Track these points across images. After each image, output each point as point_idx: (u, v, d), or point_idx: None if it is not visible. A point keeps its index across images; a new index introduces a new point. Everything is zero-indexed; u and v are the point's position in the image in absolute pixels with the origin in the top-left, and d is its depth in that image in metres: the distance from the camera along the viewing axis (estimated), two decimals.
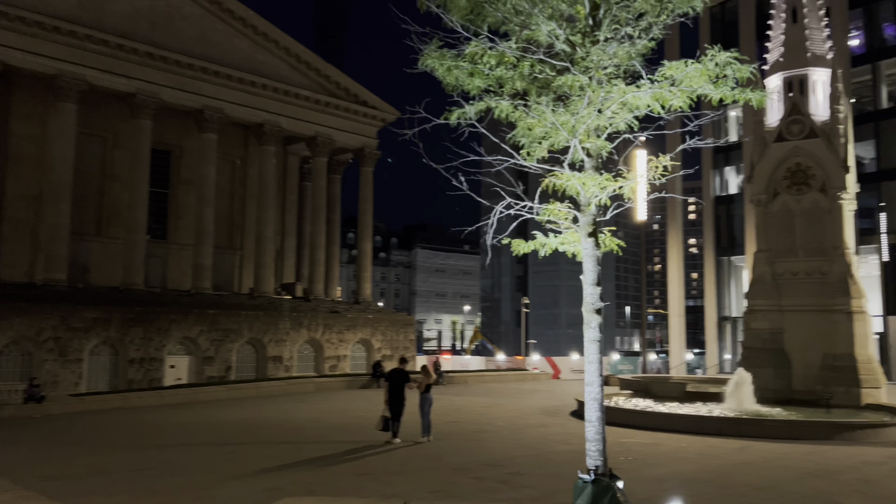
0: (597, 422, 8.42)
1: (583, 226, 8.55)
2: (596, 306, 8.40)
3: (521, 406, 23.96)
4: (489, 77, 8.96)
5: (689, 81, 8.00)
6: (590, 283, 8.47)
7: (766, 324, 24.06)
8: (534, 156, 8.91)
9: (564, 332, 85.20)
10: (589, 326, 8.44)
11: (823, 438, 16.73)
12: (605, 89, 8.06)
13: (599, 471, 8.29)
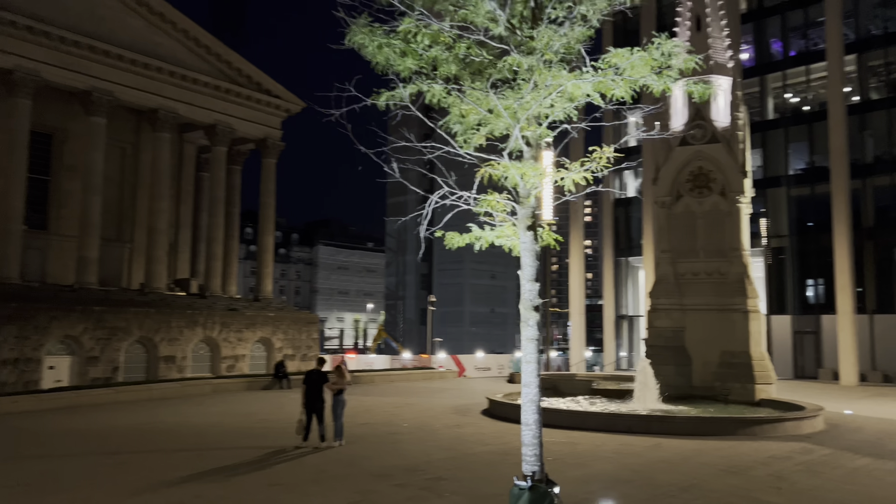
0: (534, 425, 8.04)
1: (521, 218, 8.14)
2: (534, 303, 8.02)
3: (432, 405, 23.53)
4: (423, 58, 8.39)
5: (633, 71, 7.75)
6: (528, 279, 8.07)
7: (668, 322, 24.76)
8: (471, 143, 8.42)
9: (468, 329, 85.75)
10: (527, 324, 8.05)
11: (727, 434, 17.25)
12: (552, 73, 7.67)
13: (536, 476, 7.90)
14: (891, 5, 41.84)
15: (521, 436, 8.21)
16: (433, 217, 9.33)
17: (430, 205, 8.56)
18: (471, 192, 8.37)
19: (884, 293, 39.65)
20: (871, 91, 41.72)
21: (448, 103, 8.65)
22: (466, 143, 8.43)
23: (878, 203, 40.92)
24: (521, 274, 8.22)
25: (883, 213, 40.87)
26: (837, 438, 17.06)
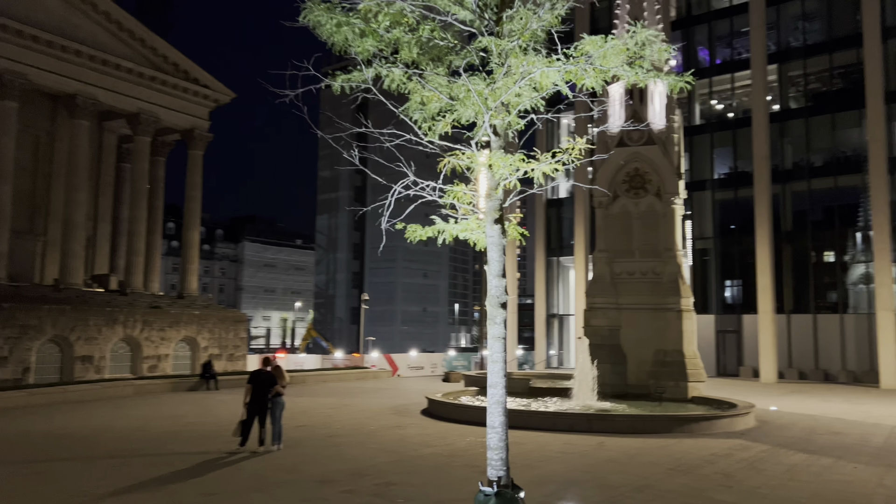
0: (500, 428, 7.69)
1: (488, 211, 7.78)
2: (501, 300, 7.67)
3: (369, 406, 22.96)
4: (384, 39, 7.92)
5: (605, 60, 7.51)
6: (495, 275, 7.72)
7: (604, 321, 24.99)
8: (435, 131, 8.00)
9: (400, 328, 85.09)
10: (493, 322, 7.69)
11: (666, 432, 17.44)
12: (526, 59, 7.33)
13: (503, 482, 7.55)
14: (810, 19, 43.80)
15: (487, 439, 7.86)
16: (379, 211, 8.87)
17: (393, 195, 8.08)
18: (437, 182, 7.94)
19: (800, 294, 41.46)
20: (790, 100, 43.56)
21: (409, 89, 8.20)
22: (431, 132, 8.01)
23: (795, 208, 42.75)
24: (487, 269, 7.86)
25: (800, 218, 42.73)
26: (770, 435, 17.49)
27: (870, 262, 39.70)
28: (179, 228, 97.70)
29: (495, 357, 7.76)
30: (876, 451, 15.15)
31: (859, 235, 40.34)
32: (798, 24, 44.34)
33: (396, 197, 8.46)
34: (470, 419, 18.80)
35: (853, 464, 13.37)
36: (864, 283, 40.31)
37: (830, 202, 41.49)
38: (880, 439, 17.09)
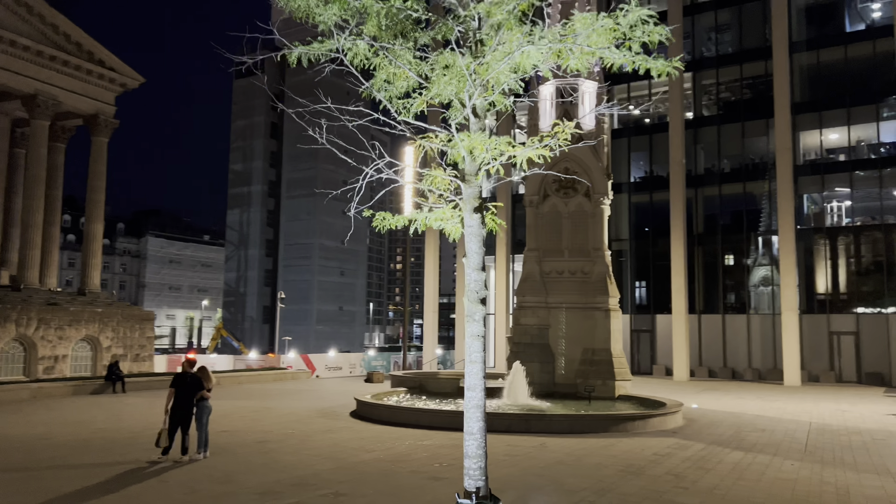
0: (479, 434, 7.12)
1: (468, 199, 7.21)
2: (481, 295, 7.11)
3: (294, 408, 21.88)
4: (350, 7, 7.19)
5: (591, 40, 7.07)
6: (474, 268, 7.15)
7: (534, 319, 24.89)
8: (410, 111, 7.34)
9: (315, 328, 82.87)
10: (472, 319, 7.11)
11: (602, 431, 17.38)
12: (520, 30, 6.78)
13: (482, 493, 6.97)
14: (722, 30, 45.60)
15: (465, 446, 7.27)
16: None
17: (365, 178, 7.37)
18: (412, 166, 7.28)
19: (710, 295, 43.08)
20: (703, 108, 45.22)
21: (374, 65, 7.51)
22: (406, 111, 7.34)
23: (706, 212, 44.39)
24: (465, 262, 7.27)
25: (711, 221, 44.41)
26: (701, 433, 17.73)
27: (775, 266, 41.71)
28: (76, 221, 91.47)
29: (474, 357, 7.18)
30: (805, 448, 15.54)
31: (767, 239, 42.27)
32: (711, 35, 46.09)
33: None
34: (404, 421, 18.17)
35: (789, 461, 13.60)
36: (768, 285, 42.29)
37: (739, 207, 43.28)
38: (803, 436, 17.62)
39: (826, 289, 40.37)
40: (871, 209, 40.46)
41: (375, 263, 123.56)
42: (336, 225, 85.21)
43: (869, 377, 37.19)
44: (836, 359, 38.66)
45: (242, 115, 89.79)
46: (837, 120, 40.46)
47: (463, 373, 34.86)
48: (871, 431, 18.37)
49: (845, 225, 41.03)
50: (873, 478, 11.96)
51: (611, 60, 7.30)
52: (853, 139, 40.61)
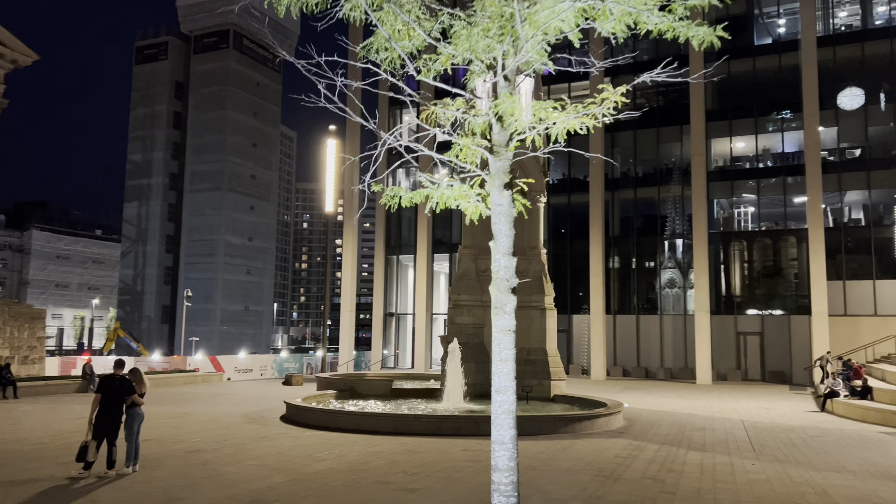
0: (510, 443, 6.27)
1: (496, 174, 6.38)
2: (511, 284, 6.28)
3: (215, 414, 20.22)
4: None
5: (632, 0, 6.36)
6: (504, 253, 6.31)
7: (470, 319, 24.25)
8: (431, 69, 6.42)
9: (219, 328, 78.91)
10: (502, 311, 6.27)
11: (552, 432, 16.89)
12: None
13: None
14: (637, 38, 46.72)
15: (493, 458, 6.38)
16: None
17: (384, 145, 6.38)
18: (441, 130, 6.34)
19: (624, 296, 43.99)
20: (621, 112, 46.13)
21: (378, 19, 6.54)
22: (426, 70, 6.42)
23: (622, 214, 45.35)
24: (493, 246, 6.42)
25: (626, 224, 45.39)
26: (647, 433, 17.59)
27: (687, 268, 43.07)
28: None
29: (504, 355, 6.33)
30: (751, 446, 15.61)
31: (679, 242, 43.57)
32: (628, 41, 47.15)
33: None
34: (344, 426, 17.03)
35: (748, 461, 13.53)
36: (679, 287, 43.63)
37: (653, 210, 44.42)
38: (742, 433, 17.80)
39: (734, 291, 42.03)
40: (775, 215, 42.46)
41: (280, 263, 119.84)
42: (243, 221, 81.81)
43: (772, 375, 38.94)
44: (743, 358, 40.28)
45: (143, 102, 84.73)
46: (746, 129, 42.26)
47: (393, 374, 33.81)
48: (802, 428, 18.82)
49: (752, 230, 42.88)
50: (836, 476, 11.98)
51: (648, 26, 6.64)
52: (760, 148, 42.51)
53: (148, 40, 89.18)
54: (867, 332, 36.24)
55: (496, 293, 6.35)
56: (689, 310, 42.11)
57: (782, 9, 43.45)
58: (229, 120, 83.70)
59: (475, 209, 6.70)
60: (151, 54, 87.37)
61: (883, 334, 35.85)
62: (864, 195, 40.33)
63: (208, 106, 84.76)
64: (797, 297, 40.01)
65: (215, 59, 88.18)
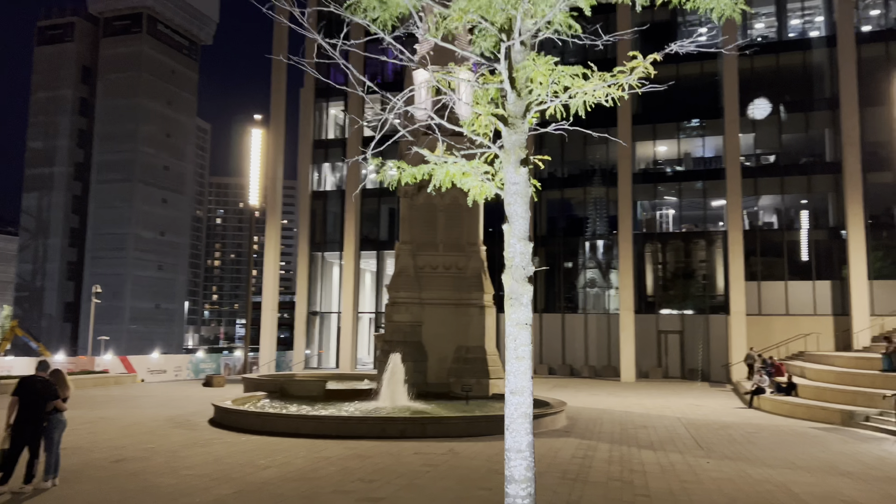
0: (527, 450, 5.63)
1: (511, 148, 5.76)
2: (527, 272, 5.66)
3: (136, 418, 18.70)
4: None
5: None
6: (520, 237, 5.69)
7: (407, 316, 23.56)
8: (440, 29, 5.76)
9: (128, 327, 74.50)
10: (519, 302, 5.64)
11: (499, 433, 16.33)
12: None
13: None
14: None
15: (507, 467, 5.73)
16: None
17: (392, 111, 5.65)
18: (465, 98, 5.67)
19: (550, 295, 44.34)
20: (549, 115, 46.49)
21: None
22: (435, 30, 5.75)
23: (549, 214, 45.73)
24: (506, 230, 5.79)
25: (552, 224, 45.82)
26: (592, 431, 17.42)
27: (611, 268, 43.82)
28: None
29: (520, 352, 5.70)
30: (698, 444, 15.66)
31: (602, 243, 44.28)
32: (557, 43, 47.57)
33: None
34: (282, 430, 16.00)
35: (702, 459, 13.47)
36: (604, 286, 44.36)
37: (578, 211, 44.98)
38: (683, 431, 17.91)
39: (655, 291, 43.04)
40: (695, 217, 43.79)
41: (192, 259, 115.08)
42: (155, 214, 77.78)
43: (691, 373, 40.05)
44: (664, 356, 41.27)
45: (46, 86, 79.27)
46: (668, 133, 43.40)
47: (325, 375, 32.64)
48: (738, 425, 19.12)
49: (673, 231, 44.05)
50: (792, 473, 12.03)
51: None
52: (682, 152, 43.73)
53: (52, 20, 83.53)
54: (779, 331, 37.82)
55: (511, 282, 5.74)
56: (611, 309, 42.87)
57: (704, 18, 44.81)
58: (142, 108, 79.36)
59: (480, 189, 6.08)
60: (56, 35, 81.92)
61: (794, 333, 37.52)
62: (778, 200, 42.16)
63: (119, 92, 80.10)
64: (715, 296, 41.33)
65: (127, 43, 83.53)
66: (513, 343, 5.64)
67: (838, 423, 19.02)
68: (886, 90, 38.37)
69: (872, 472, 12.15)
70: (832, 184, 39.55)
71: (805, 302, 38.76)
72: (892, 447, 15.33)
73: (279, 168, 46.88)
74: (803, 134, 41.00)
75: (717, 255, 41.48)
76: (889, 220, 39.21)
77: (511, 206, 5.84)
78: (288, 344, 59.07)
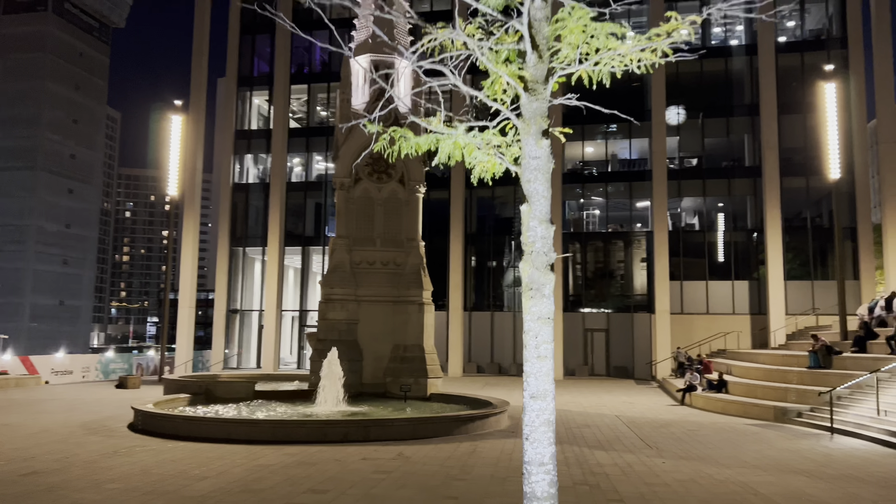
0: (550, 462, 4.95)
1: (532, 117, 5.08)
2: (549, 259, 4.99)
3: (44, 424, 16.97)
4: None
5: None
6: (541, 219, 5.02)
7: (343, 314, 22.60)
8: None
9: (29, 325, 69.25)
10: (540, 293, 4.96)
11: (446, 434, 15.81)
12: None
13: None
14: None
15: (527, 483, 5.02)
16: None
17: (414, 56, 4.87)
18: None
19: (479, 293, 44.11)
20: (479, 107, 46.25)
21: None
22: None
23: (479, 213, 45.50)
24: (525, 211, 5.10)
25: (482, 222, 45.62)
26: None
27: None
28: None
29: (542, 351, 5.02)
30: (645, 443, 15.50)
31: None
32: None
33: None
34: (212, 435, 14.81)
35: (656, 459, 13.25)
36: None
37: (508, 209, 44.91)
38: (625, 430, 17.77)
39: (582, 289, 43.48)
40: (621, 218, 44.52)
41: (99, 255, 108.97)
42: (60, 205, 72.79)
43: (616, 370, 40.63)
44: (590, 354, 41.69)
45: None
46: (596, 134, 43.93)
47: (254, 375, 31.04)
48: (677, 423, 19.17)
49: (599, 231, 44.63)
50: (750, 472, 11.91)
51: None
52: (609, 153, 44.34)
53: None
54: (700, 330, 38.81)
55: (531, 270, 5.05)
56: None
57: (632, 21, 45.62)
58: (46, 91, 74.00)
59: (490, 165, 5.40)
60: None
61: (714, 331, 38.59)
62: (700, 202, 43.38)
63: (20, 74, 74.52)
64: (640, 295, 42.09)
65: (30, 22, 77.82)
66: (533, 340, 4.97)
67: (772, 419, 19.38)
68: (801, 99, 40.10)
69: (826, 469, 12.20)
70: (751, 187, 40.95)
71: (724, 301, 39.95)
72: (828, 442, 15.62)
73: (199, 158, 44.65)
74: (724, 138, 42.29)
75: (641, 255, 42.26)
76: (801, 223, 40.98)
77: (531, 183, 5.18)
78: (205, 343, 56.57)
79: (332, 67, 46.88)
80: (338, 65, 46.91)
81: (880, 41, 37.50)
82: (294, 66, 46.56)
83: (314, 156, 46.98)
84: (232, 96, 45.66)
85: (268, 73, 46.77)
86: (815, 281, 39.08)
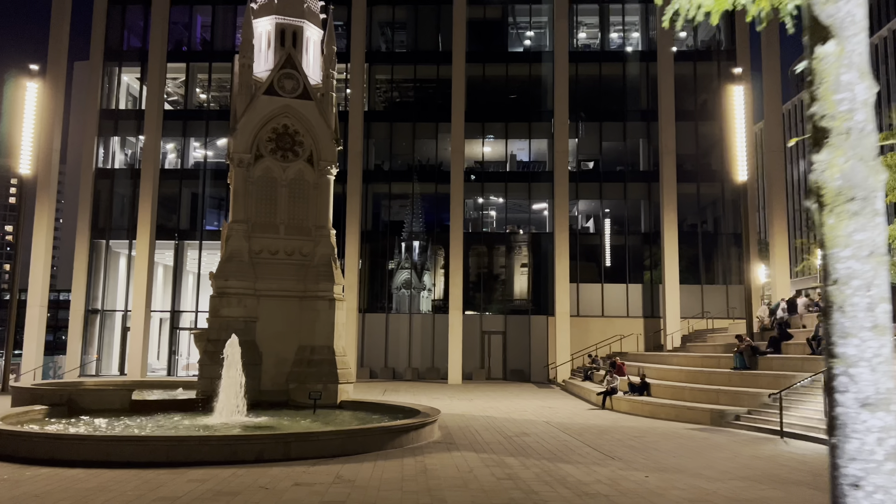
0: None
1: None
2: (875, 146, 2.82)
3: None
4: None
5: None
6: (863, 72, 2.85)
7: (240, 311, 19.56)
8: None
9: None
10: (870, 205, 2.76)
11: (379, 448, 13.44)
12: None
13: None
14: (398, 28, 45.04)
15: None
16: None
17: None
18: None
19: (374, 294, 41.69)
20: (377, 102, 43.94)
21: None
22: None
23: (374, 210, 43.13)
24: (832, 51, 2.94)
25: (377, 220, 43.30)
26: (475, 442, 15.05)
27: (436, 266, 42.20)
28: None
29: (880, 317, 2.72)
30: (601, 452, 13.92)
31: (428, 241, 42.49)
32: (387, 30, 45.24)
33: None
34: (85, 457, 11.60)
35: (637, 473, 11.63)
36: (430, 286, 42.59)
37: (406, 207, 42.79)
38: (566, 436, 16.21)
39: (479, 291, 42.09)
40: (519, 219, 43.66)
41: None
42: None
43: (513, 374, 39.48)
44: (487, 357, 40.30)
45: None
46: (497, 133, 42.78)
47: (127, 382, 26.79)
48: (616, 429, 17.82)
49: (497, 232, 43.51)
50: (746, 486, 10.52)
51: None
52: (508, 153, 43.34)
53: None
54: (596, 332, 38.47)
55: (852, 163, 2.76)
56: (425, 309, 41.41)
57: (533, 20, 45.05)
58: None
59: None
60: None
61: (609, 334, 38.36)
62: (596, 205, 43.32)
63: None
64: (537, 297, 41.26)
65: None
66: (863, 297, 2.64)
67: (708, 422, 18.50)
68: (693, 107, 40.99)
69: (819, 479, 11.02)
70: (645, 191, 41.26)
71: (619, 304, 39.91)
72: (787, 447, 14.73)
73: (56, 137, 39.21)
74: (621, 142, 42.42)
75: (540, 257, 41.48)
76: (691, 228, 41.84)
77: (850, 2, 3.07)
78: (55, 349, 50.29)
79: (214, 46, 42.89)
80: (221, 44, 42.96)
81: (769, 57, 38.82)
82: (172, 42, 42.10)
83: (192, 141, 42.65)
84: (98, 71, 40.50)
85: (140, 48, 42.03)
86: (704, 285, 39.87)
